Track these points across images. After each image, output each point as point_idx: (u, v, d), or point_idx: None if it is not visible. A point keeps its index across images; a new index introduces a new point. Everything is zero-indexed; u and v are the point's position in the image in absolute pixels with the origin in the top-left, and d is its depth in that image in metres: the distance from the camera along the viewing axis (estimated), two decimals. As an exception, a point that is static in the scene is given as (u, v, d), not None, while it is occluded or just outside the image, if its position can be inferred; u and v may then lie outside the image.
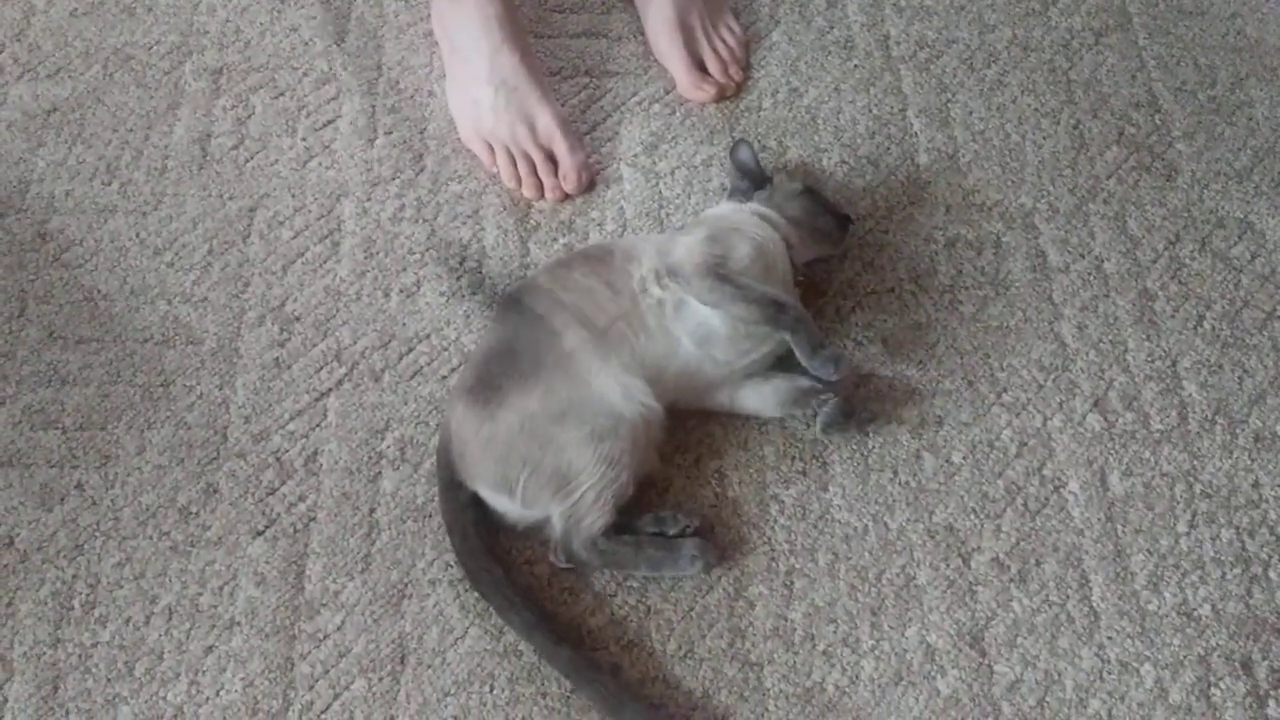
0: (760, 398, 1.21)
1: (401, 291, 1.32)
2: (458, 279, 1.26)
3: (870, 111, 1.46)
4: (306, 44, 1.52)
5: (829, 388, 1.19)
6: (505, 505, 1.13)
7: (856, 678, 1.10)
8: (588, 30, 1.53)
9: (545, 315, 1.17)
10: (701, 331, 1.18)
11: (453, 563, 1.15)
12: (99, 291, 1.32)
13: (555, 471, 1.11)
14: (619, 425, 1.12)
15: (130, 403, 1.24)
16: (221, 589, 1.14)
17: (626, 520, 1.14)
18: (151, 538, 1.16)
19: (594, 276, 1.19)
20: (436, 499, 1.17)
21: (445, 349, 1.28)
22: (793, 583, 1.15)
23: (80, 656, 1.11)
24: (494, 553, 1.13)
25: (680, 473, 1.20)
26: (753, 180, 1.31)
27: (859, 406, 1.22)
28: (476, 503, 1.14)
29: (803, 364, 1.17)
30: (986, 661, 1.11)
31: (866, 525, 1.18)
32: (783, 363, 1.21)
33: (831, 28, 1.53)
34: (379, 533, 1.17)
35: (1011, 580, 1.15)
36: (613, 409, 1.13)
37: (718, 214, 1.29)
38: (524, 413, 1.13)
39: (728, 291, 1.17)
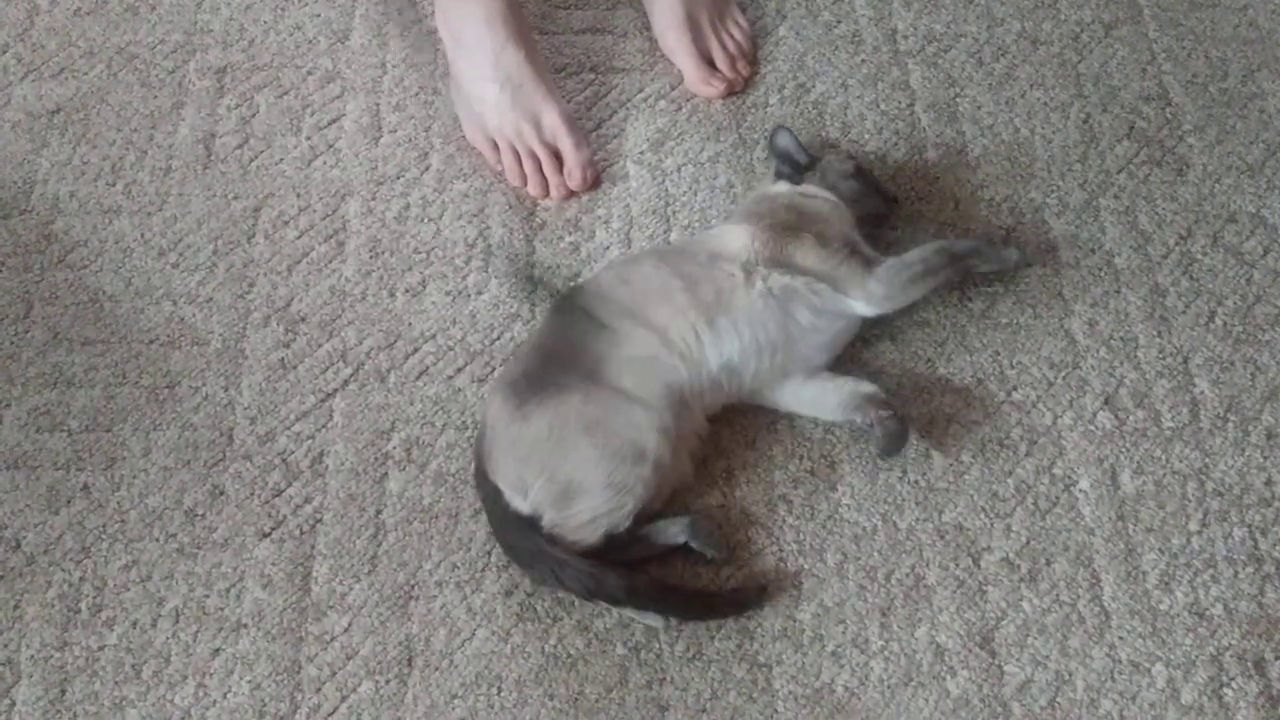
0: (820, 398, 1.20)
1: (407, 291, 1.32)
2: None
3: (878, 106, 1.45)
4: (311, 42, 1.51)
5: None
6: (518, 504, 1.12)
7: (866, 678, 1.09)
8: (592, 26, 1.53)
9: (605, 314, 1.16)
10: (802, 318, 1.19)
11: (459, 564, 1.15)
12: (104, 293, 1.31)
13: (566, 484, 1.10)
14: (644, 456, 1.11)
15: (136, 404, 1.24)
16: (228, 591, 1.14)
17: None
18: (158, 540, 1.16)
19: (666, 269, 1.19)
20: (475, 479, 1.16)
21: (451, 349, 1.28)
22: (801, 583, 1.14)
23: (87, 659, 1.10)
24: (531, 525, 1.11)
25: (688, 472, 1.20)
26: (793, 166, 1.31)
27: (907, 422, 1.19)
28: None
29: (989, 269, 1.27)
30: (997, 662, 1.10)
31: (875, 525, 1.17)
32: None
33: (839, 22, 1.52)
34: (385, 534, 1.17)
35: (1022, 580, 1.14)
36: (642, 440, 1.11)
37: (775, 193, 1.28)
38: (555, 418, 1.11)
39: (903, 276, 1.19)
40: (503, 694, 1.09)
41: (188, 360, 1.27)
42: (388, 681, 1.10)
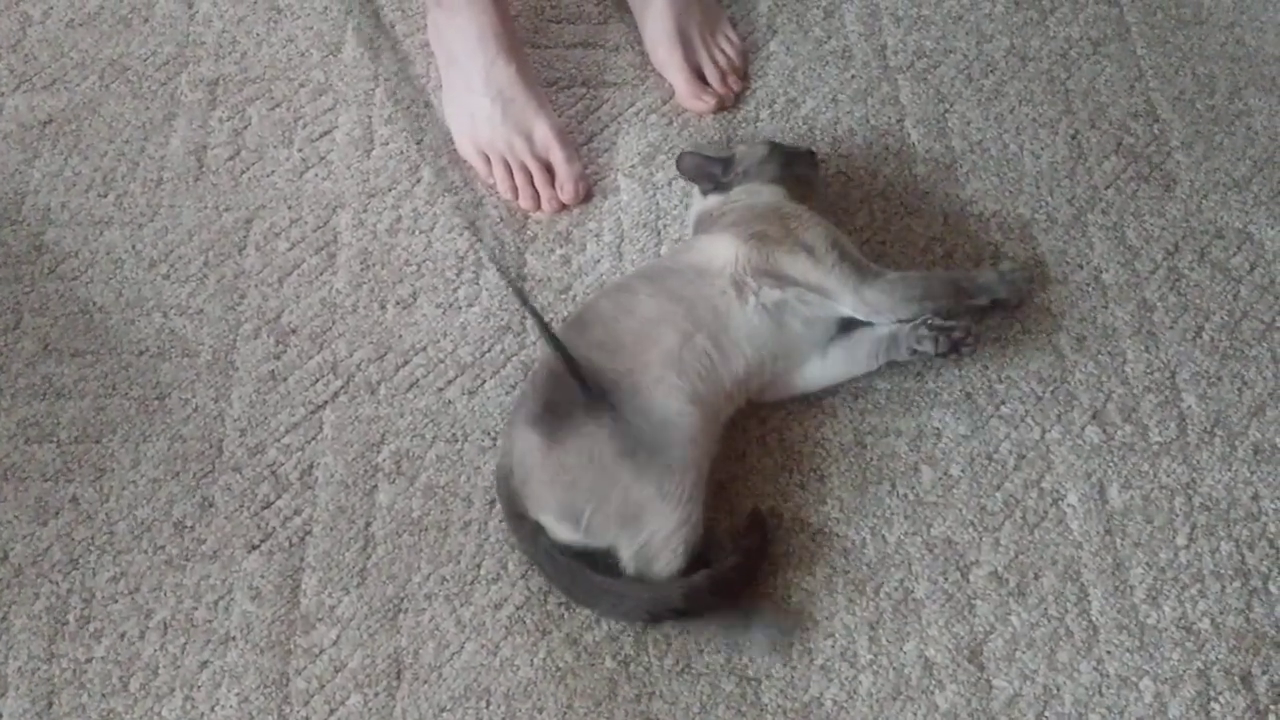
0: (850, 357, 1.22)
1: (398, 304, 1.32)
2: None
3: (868, 122, 1.45)
4: (303, 55, 1.51)
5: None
6: (569, 535, 1.11)
7: (854, 692, 1.10)
8: (584, 41, 1.53)
9: (613, 343, 1.15)
10: (795, 327, 1.20)
11: (448, 577, 1.15)
12: (94, 304, 1.31)
13: (623, 508, 1.09)
14: (689, 457, 1.11)
15: (125, 416, 1.24)
16: (216, 603, 1.13)
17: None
18: (146, 552, 1.16)
19: (662, 295, 1.18)
20: (510, 533, 1.15)
21: (441, 361, 1.28)
22: (790, 597, 1.14)
23: (75, 672, 1.10)
24: (586, 561, 1.10)
25: (677, 486, 1.20)
26: (712, 179, 1.30)
27: (954, 322, 1.20)
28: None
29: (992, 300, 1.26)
30: (985, 676, 1.11)
31: (864, 538, 1.17)
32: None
33: (829, 38, 1.53)
34: (374, 546, 1.17)
35: (1010, 594, 1.14)
36: (681, 440, 1.11)
37: (734, 203, 1.28)
38: (592, 443, 1.10)
39: (900, 293, 1.19)
40: (491, 707, 1.09)
41: (178, 372, 1.27)
42: (376, 694, 1.09)
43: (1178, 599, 1.14)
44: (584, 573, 1.10)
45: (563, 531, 1.11)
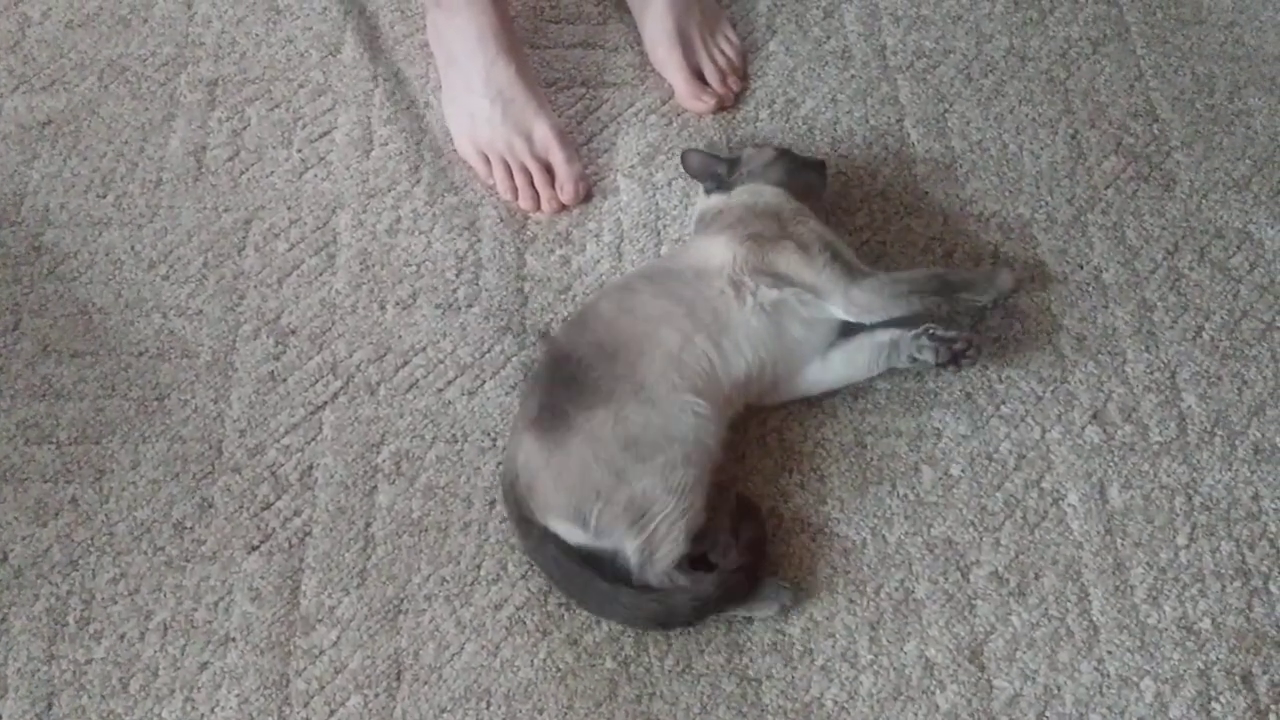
0: (850, 363, 1.22)
1: (398, 304, 1.32)
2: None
3: (867, 122, 1.45)
4: (302, 55, 1.51)
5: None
6: (578, 537, 1.11)
7: (855, 693, 1.09)
8: (584, 41, 1.53)
9: (613, 344, 1.15)
10: (795, 331, 1.20)
11: (448, 578, 1.15)
12: (94, 305, 1.31)
13: (629, 503, 1.09)
14: (691, 452, 1.11)
15: (125, 417, 1.24)
16: (216, 604, 1.13)
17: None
18: (146, 553, 1.16)
19: (665, 298, 1.19)
20: (517, 539, 1.15)
21: (441, 362, 1.28)
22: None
23: (75, 673, 1.10)
24: (591, 565, 1.11)
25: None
26: (716, 178, 1.31)
27: (956, 333, 1.21)
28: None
29: (985, 299, 1.27)
30: (986, 676, 1.10)
31: (865, 539, 1.17)
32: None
33: (828, 38, 1.53)
34: (374, 547, 1.17)
35: (1010, 594, 1.14)
36: (684, 435, 1.12)
37: (729, 203, 1.28)
38: (595, 440, 1.10)
39: (888, 291, 1.20)
40: (492, 708, 1.09)
41: (177, 373, 1.27)
42: (376, 695, 1.09)
43: (1178, 599, 1.14)
44: (593, 580, 1.10)
45: (571, 533, 1.11)
